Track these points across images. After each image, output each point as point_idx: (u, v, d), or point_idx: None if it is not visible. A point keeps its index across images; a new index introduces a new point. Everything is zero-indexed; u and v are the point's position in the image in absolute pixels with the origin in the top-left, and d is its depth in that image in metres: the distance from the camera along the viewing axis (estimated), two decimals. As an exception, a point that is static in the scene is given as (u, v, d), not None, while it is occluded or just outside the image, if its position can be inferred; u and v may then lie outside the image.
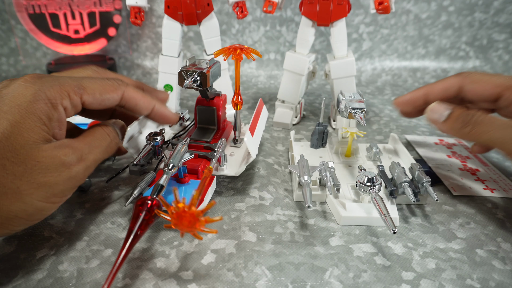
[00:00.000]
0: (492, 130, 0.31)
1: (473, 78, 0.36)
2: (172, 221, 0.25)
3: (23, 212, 0.25)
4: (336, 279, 0.29)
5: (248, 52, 0.37)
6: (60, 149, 0.26)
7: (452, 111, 0.33)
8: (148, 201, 0.29)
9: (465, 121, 0.32)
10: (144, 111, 0.35)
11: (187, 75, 0.36)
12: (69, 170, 0.26)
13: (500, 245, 0.32)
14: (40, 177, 0.25)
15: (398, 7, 0.83)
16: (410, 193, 0.35)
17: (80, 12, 0.79)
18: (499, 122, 0.31)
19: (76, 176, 0.27)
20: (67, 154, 0.26)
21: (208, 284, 0.28)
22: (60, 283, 0.28)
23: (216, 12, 0.82)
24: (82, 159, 0.28)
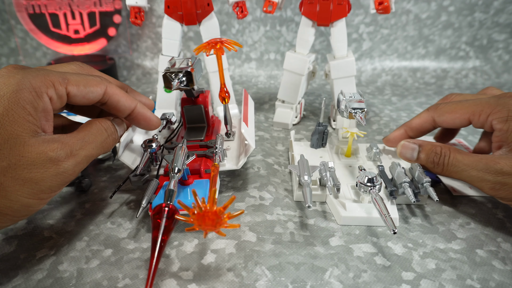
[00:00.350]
0: (462, 170, 0.33)
1: (441, 110, 0.37)
2: (195, 222, 0.25)
3: (8, 209, 0.24)
4: (336, 279, 0.29)
5: (229, 44, 0.35)
6: (48, 144, 0.25)
7: (420, 149, 0.35)
8: (165, 208, 0.28)
9: (435, 162, 0.35)
10: (126, 110, 0.33)
11: (172, 77, 0.35)
12: (57, 166, 0.25)
13: (500, 245, 0.32)
14: (26, 173, 0.24)
15: (398, 7, 0.83)
16: (410, 194, 0.35)
17: (80, 12, 0.79)
18: (463, 162, 0.33)
19: (64, 172, 0.26)
20: (55, 149, 0.25)
21: (208, 284, 0.28)
22: (60, 283, 0.28)
23: (216, 12, 0.82)
24: (72, 155, 0.26)
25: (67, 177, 0.27)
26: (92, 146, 0.29)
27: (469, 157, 0.33)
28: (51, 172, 0.25)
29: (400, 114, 0.64)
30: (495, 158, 0.32)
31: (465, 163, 0.32)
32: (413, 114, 0.64)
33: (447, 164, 0.34)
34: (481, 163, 0.32)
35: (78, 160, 0.27)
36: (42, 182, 0.25)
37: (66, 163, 0.26)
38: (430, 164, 0.35)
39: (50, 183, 0.25)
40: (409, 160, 0.37)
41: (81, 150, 0.27)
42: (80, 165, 0.28)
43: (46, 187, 0.25)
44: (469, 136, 0.54)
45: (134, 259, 0.30)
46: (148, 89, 0.77)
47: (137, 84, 0.82)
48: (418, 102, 0.70)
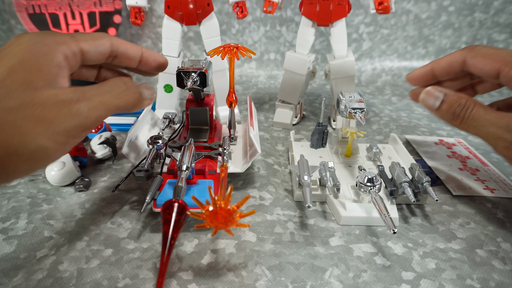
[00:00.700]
0: (480, 125, 0.31)
1: (476, 52, 0.34)
2: (208, 219, 0.25)
3: (24, 148, 0.23)
4: (336, 279, 0.29)
5: (244, 50, 0.36)
6: (59, 89, 0.25)
7: (445, 98, 0.33)
8: (175, 204, 0.29)
9: (455, 114, 0.32)
10: (136, 55, 0.33)
11: (186, 76, 0.36)
12: (69, 107, 0.25)
13: (500, 245, 0.32)
14: (38, 112, 0.24)
15: (398, 7, 0.83)
16: (410, 193, 0.35)
17: (80, 12, 0.79)
18: (485, 118, 0.30)
19: (78, 114, 0.25)
20: (66, 92, 0.25)
21: (208, 284, 0.28)
22: (60, 283, 0.28)
23: (216, 12, 0.82)
24: (84, 98, 0.26)
25: (82, 119, 0.26)
26: (108, 94, 0.28)
27: (492, 113, 0.31)
28: (64, 112, 0.24)
29: (400, 114, 0.64)
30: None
31: (487, 118, 0.30)
32: (413, 114, 0.64)
33: (468, 118, 0.31)
34: (503, 121, 0.30)
35: (93, 104, 0.26)
36: (56, 122, 0.24)
37: (78, 105, 0.25)
38: (449, 116, 0.32)
39: (65, 125, 0.25)
40: (430, 107, 0.34)
41: (96, 96, 0.27)
42: (96, 110, 0.27)
43: (61, 128, 0.24)
44: (469, 136, 0.54)
45: (134, 259, 0.30)
46: (148, 89, 0.77)
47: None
48: (418, 102, 0.70)
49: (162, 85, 0.53)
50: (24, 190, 0.40)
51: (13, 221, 0.35)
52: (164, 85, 0.52)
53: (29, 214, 0.36)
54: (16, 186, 0.41)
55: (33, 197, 0.39)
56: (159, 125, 0.47)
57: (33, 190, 0.40)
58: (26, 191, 0.40)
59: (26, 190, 0.40)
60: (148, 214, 0.36)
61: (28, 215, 0.36)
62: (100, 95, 0.27)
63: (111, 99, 0.28)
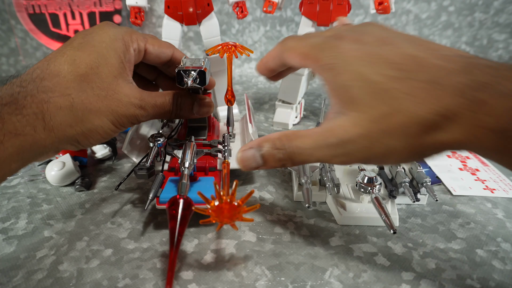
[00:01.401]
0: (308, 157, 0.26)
1: (284, 46, 0.31)
2: (213, 214, 0.26)
3: (100, 129, 0.30)
4: (336, 279, 0.29)
5: (242, 49, 0.37)
6: (133, 91, 0.31)
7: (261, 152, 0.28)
8: (180, 200, 0.29)
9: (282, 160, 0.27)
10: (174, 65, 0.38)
11: (186, 74, 0.36)
12: (134, 109, 0.31)
13: (500, 245, 0.32)
14: (114, 106, 0.30)
15: (398, 7, 0.83)
16: (410, 193, 0.35)
17: (80, 12, 0.79)
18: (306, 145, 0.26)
19: (135, 116, 0.32)
20: (135, 98, 0.31)
21: (208, 284, 0.28)
22: (60, 283, 0.28)
23: (216, 12, 0.82)
24: (143, 108, 0.32)
25: (136, 120, 0.32)
26: (159, 110, 0.34)
27: (307, 138, 0.26)
28: (129, 112, 0.31)
29: (400, 114, 0.64)
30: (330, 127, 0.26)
31: (307, 147, 0.26)
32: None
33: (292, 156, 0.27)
34: (320, 140, 0.26)
35: (146, 114, 0.33)
36: (123, 116, 0.31)
37: (138, 111, 0.32)
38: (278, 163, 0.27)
39: (126, 120, 0.31)
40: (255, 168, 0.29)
41: (151, 109, 0.33)
42: (146, 118, 0.33)
43: (123, 121, 0.31)
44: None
45: (134, 259, 0.30)
46: (148, 89, 0.78)
47: (137, 84, 0.82)
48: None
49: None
50: (24, 190, 0.40)
51: (13, 221, 0.35)
52: None
53: (29, 214, 0.36)
54: (16, 186, 0.41)
55: (33, 197, 0.39)
56: (156, 125, 0.47)
57: (33, 190, 0.40)
58: (26, 191, 0.40)
59: (26, 190, 0.40)
60: (148, 214, 0.36)
61: (28, 215, 0.36)
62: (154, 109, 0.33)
63: (158, 113, 0.34)
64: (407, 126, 0.22)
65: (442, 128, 0.22)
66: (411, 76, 0.22)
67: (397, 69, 0.23)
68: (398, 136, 0.23)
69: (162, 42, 0.36)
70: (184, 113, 0.36)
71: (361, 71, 0.24)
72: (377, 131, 0.23)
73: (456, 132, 0.22)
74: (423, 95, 0.22)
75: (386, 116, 0.23)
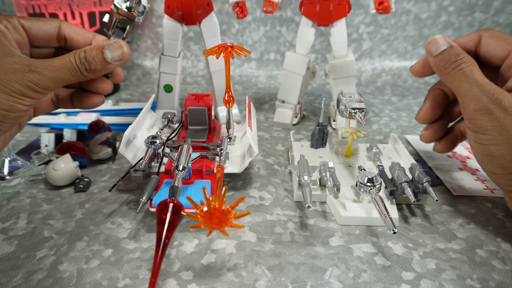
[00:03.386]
0: (467, 81, 0.31)
1: (492, 32, 0.35)
2: (201, 219, 0.25)
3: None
4: (336, 279, 0.29)
5: (240, 49, 0.37)
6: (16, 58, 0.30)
7: (448, 47, 0.33)
8: (170, 204, 0.28)
9: (450, 61, 0.32)
10: (83, 40, 0.36)
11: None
12: (22, 74, 0.30)
13: (500, 245, 0.32)
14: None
15: (398, 7, 0.83)
16: (410, 193, 0.35)
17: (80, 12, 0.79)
18: (473, 77, 0.30)
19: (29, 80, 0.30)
20: (19, 63, 0.30)
21: (208, 284, 0.28)
22: (60, 283, 0.28)
23: (216, 12, 0.82)
24: (34, 71, 0.30)
25: (35, 83, 0.30)
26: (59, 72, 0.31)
27: (483, 77, 0.31)
28: (17, 77, 0.29)
29: (400, 114, 0.64)
30: (505, 91, 0.30)
31: (476, 78, 0.30)
32: (413, 114, 0.64)
33: (459, 69, 0.31)
34: (489, 87, 0.30)
35: (43, 77, 0.30)
36: (12, 83, 0.29)
37: (30, 75, 0.30)
38: (443, 62, 0.33)
39: (19, 86, 0.29)
40: (430, 52, 0.34)
41: (46, 71, 0.31)
42: (46, 82, 0.31)
43: (16, 88, 0.29)
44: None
45: (134, 259, 0.30)
46: (148, 89, 0.77)
47: (137, 84, 0.82)
48: (418, 102, 0.70)
49: (162, 85, 0.53)
50: (24, 190, 0.40)
51: (13, 221, 0.35)
52: (164, 85, 0.52)
53: (29, 214, 0.36)
54: (16, 186, 0.41)
55: (33, 197, 0.39)
56: (158, 125, 0.47)
57: (33, 190, 0.40)
58: (26, 191, 0.40)
59: (26, 190, 0.40)
60: (148, 214, 0.36)
61: (28, 215, 0.36)
62: (51, 70, 0.31)
63: (62, 76, 0.32)
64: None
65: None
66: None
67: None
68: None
69: (43, 18, 0.36)
70: (97, 66, 0.33)
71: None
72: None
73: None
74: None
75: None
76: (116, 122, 0.56)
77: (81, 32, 0.37)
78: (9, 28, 0.33)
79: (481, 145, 0.30)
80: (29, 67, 0.30)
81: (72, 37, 0.36)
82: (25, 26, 0.34)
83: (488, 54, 0.35)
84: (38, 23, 0.35)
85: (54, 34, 0.36)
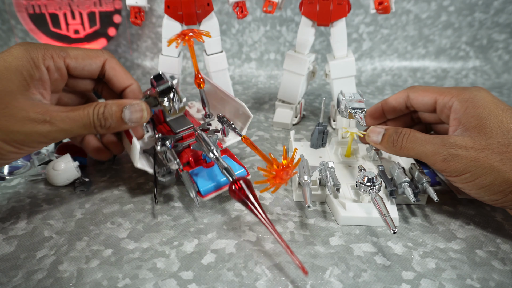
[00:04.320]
0: (416, 146, 0.34)
1: (416, 88, 0.40)
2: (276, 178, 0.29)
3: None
4: (336, 279, 0.29)
5: (198, 35, 0.38)
6: (34, 106, 0.29)
7: (385, 132, 0.37)
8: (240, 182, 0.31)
9: (394, 141, 0.35)
10: (120, 85, 0.37)
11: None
12: (32, 125, 0.29)
13: (499, 246, 0.32)
14: (4, 121, 0.28)
15: (398, 7, 0.83)
16: (410, 193, 0.35)
17: (80, 12, 0.79)
18: (421, 138, 0.34)
19: (37, 133, 0.29)
20: (36, 112, 0.29)
21: (208, 284, 0.28)
22: (60, 283, 0.28)
23: (216, 12, 0.82)
24: (49, 122, 0.29)
25: (40, 137, 0.30)
26: (74, 124, 0.31)
27: (426, 135, 0.34)
28: (27, 128, 0.29)
29: (400, 114, 0.64)
30: (450, 135, 0.34)
31: (423, 138, 0.34)
32: (413, 114, 0.64)
33: (405, 141, 0.34)
34: (437, 139, 0.33)
35: (54, 129, 0.30)
36: (17, 133, 0.29)
37: (41, 126, 0.29)
38: (389, 144, 0.36)
39: (24, 137, 0.29)
40: (374, 143, 0.38)
41: (60, 123, 0.30)
42: (56, 134, 0.30)
43: (20, 139, 0.29)
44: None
45: (134, 259, 0.30)
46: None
47: (137, 84, 0.81)
48: (418, 102, 0.70)
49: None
50: (24, 190, 0.40)
51: (13, 221, 0.35)
52: None
53: (29, 214, 0.36)
54: (16, 186, 0.41)
55: (33, 197, 0.39)
56: None
57: (33, 190, 0.40)
58: (26, 191, 0.40)
59: (26, 190, 0.40)
60: (148, 214, 0.36)
61: (28, 215, 0.36)
62: (66, 122, 0.30)
63: (75, 129, 0.31)
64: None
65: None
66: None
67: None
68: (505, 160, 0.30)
69: (89, 53, 0.35)
70: (113, 124, 0.32)
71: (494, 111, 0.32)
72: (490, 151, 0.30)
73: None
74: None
75: (503, 146, 0.30)
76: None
77: (120, 76, 0.36)
78: (51, 69, 0.32)
79: (469, 184, 0.32)
80: (44, 117, 0.29)
81: (111, 78, 0.37)
82: (70, 67, 0.34)
83: (419, 104, 0.39)
84: (84, 62, 0.34)
85: (97, 72, 0.36)
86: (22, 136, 0.29)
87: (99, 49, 0.36)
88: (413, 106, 0.41)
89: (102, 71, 0.36)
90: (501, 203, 0.32)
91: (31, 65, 0.30)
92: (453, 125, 0.35)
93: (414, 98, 0.40)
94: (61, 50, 0.33)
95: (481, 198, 0.33)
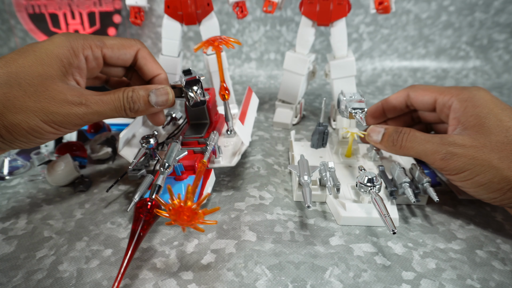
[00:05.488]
0: (415, 145, 0.35)
1: (416, 87, 0.41)
2: (171, 217, 0.26)
3: (25, 124, 0.29)
4: (336, 279, 0.29)
5: (227, 42, 0.37)
6: (71, 89, 0.31)
7: (385, 131, 0.37)
8: (148, 203, 0.30)
9: (394, 140, 0.36)
10: (149, 74, 0.38)
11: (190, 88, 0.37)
12: (70, 107, 0.30)
13: (499, 247, 0.32)
14: (45, 102, 0.29)
15: (398, 7, 0.83)
16: (410, 194, 0.34)
17: (80, 12, 0.79)
18: (420, 138, 0.35)
19: (75, 114, 0.31)
20: (73, 95, 0.31)
21: (208, 284, 0.28)
22: (60, 283, 0.28)
23: (216, 12, 0.82)
24: (84, 105, 0.31)
25: (77, 119, 0.31)
26: (107, 106, 0.32)
27: (425, 134, 0.35)
28: (64, 110, 0.30)
29: (400, 114, 0.64)
30: (449, 134, 0.35)
31: (422, 137, 0.34)
32: (413, 114, 0.64)
33: (405, 140, 0.35)
34: (436, 137, 0.34)
35: (89, 111, 0.31)
36: (56, 114, 0.30)
37: (77, 108, 0.31)
38: (389, 143, 0.37)
39: (62, 118, 0.30)
40: (375, 142, 0.38)
41: (95, 105, 0.32)
42: (91, 116, 0.32)
43: (58, 120, 0.30)
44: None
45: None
46: (148, 89, 0.77)
47: (137, 84, 0.82)
48: (418, 102, 0.70)
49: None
50: (24, 190, 0.40)
51: (13, 221, 0.35)
52: None
53: (29, 214, 0.36)
54: (16, 186, 0.41)
55: (33, 197, 0.39)
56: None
57: (33, 190, 0.40)
58: (26, 191, 0.40)
59: (26, 190, 0.40)
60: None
61: (28, 215, 0.36)
62: (99, 105, 0.32)
63: (107, 111, 0.33)
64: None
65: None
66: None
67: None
68: (503, 158, 0.30)
69: (123, 43, 0.36)
70: (141, 107, 0.34)
71: (493, 109, 0.33)
72: (489, 149, 0.31)
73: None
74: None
75: (502, 144, 0.31)
76: (116, 122, 0.56)
77: (151, 66, 0.38)
78: (89, 58, 0.34)
79: (467, 182, 0.32)
80: (80, 99, 0.31)
81: (142, 67, 0.38)
82: (106, 56, 0.35)
83: (419, 103, 0.40)
84: (119, 52, 0.36)
85: (130, 61, 0.37)
86: (60, 117, 0.30)
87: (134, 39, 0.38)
88: (413, 105, 0.41)
89: (134, 60, 0.38)
90: (499, 201, 0.32)
91: (70, 53, 0.32)
92: (452, 124, 0.35)
93: (414, 97, 0.40)
94: (99, 40, 0.35)
95: (480, 196, 0.33)
